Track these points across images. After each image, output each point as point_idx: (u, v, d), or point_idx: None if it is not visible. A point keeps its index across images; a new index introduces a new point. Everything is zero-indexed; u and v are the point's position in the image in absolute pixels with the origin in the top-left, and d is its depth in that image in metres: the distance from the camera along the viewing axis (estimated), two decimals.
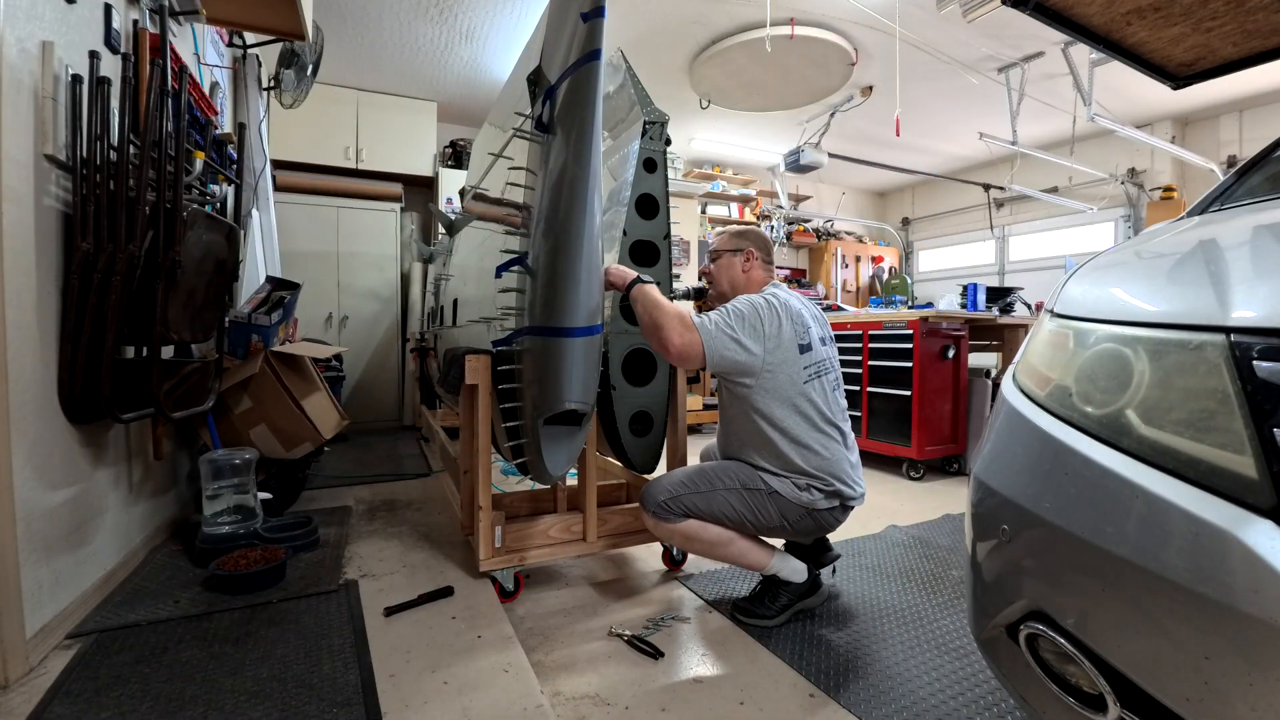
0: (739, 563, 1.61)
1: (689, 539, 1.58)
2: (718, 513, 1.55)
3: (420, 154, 4.91)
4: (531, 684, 1.27)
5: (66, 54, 1.45)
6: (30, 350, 1.33)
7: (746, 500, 1.54)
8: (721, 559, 1.62)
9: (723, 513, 1.54)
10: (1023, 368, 0.89)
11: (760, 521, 1.55)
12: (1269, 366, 0.57)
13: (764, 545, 1.62)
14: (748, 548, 1.59)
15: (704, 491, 1.55)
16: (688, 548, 1.63)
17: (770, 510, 1.53)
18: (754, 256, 1.72)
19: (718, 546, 1.57)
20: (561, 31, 1.44)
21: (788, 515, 1.53)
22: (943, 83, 4.71)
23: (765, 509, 1.53)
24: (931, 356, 3.16)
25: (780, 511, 1.53)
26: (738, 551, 1.58)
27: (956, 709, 1.23)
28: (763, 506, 1.53)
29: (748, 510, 1.54)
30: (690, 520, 1.56)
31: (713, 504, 1.54)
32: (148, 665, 1.29)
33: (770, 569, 1.60)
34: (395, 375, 4.84)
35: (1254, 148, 4.87)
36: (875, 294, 6.86)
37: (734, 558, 1.60)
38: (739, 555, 1.59)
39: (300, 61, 3.18)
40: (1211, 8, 1.75)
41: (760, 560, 1.60)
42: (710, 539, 1.56)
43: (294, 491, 2.53)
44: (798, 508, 1.52)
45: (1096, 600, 0.64)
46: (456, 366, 2.05)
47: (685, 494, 1.56)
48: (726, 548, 1.57)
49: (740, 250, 1.72)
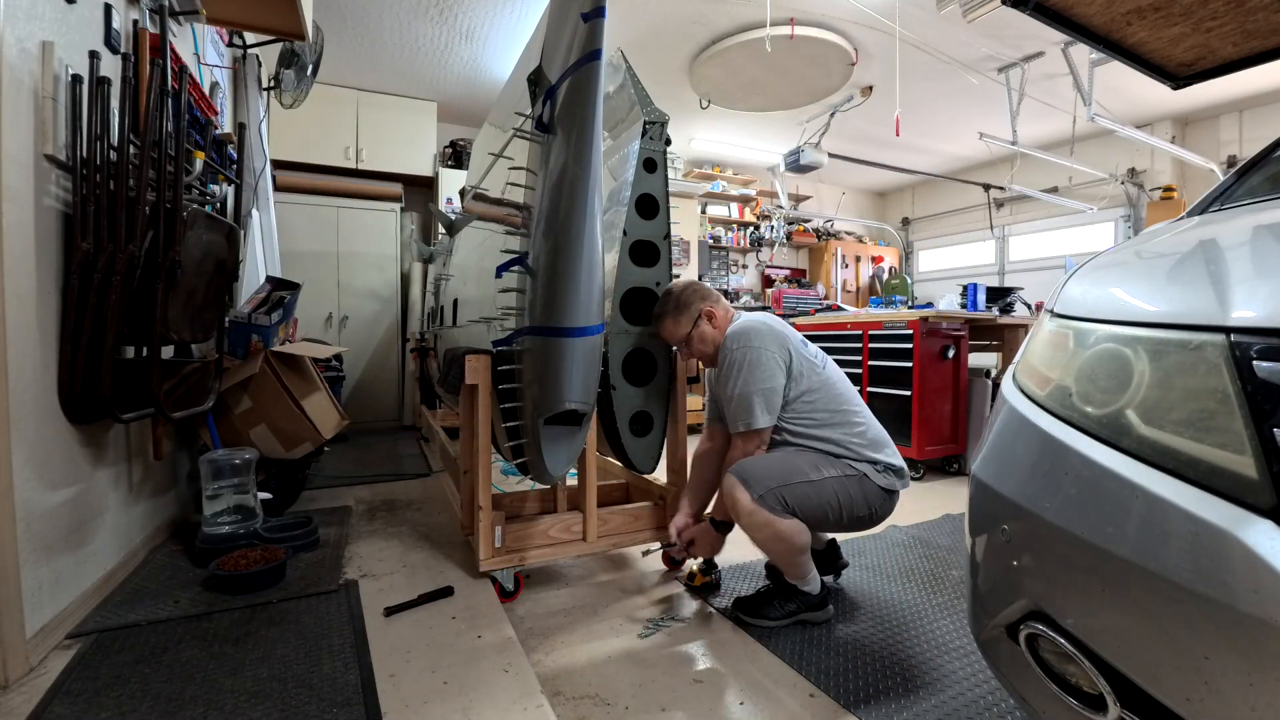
0: (794, 570, 1.56)
1: (780, 538, 1.49)
2: (825, 502, 1.50)
3: (420, 154, 4.91)
4: (531, 684, 1.27)
5: (66, 54, 1.45)
6: (30, 350, 1.33)
7: (848, 489, 1.51)
8: (783, 561, 1.56)
9: (828, 503, 1.50)
10: (1023, 368, 0.89)
11: (852, 513, 1.53)
12: (1269, 366, 0.57)
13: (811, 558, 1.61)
14: (809, 560, 1.58)
15: (814, 480, 1.50)
16: (769, 545, 1.53)
17: (862, 498, 1.53)
18: (704, 310, 1.69)
19: (796, 551, 1.53)
20: (562, 31, 1.44)
21: (873, 501, 1.54)
22: (943, 83, 4.71)
23: (859, 497, 1.53)
24: (931, 356, 3.16)
25: (867, 497, 1.53)
26: (805, 559, 1.56)
27: (956, 709, 1.23)
28: (858, 494, 1.52)
29: (847, 501, 1.51)
30: (794, 520, 1.48)
31: (823, 493, 1.50)
32: (148, 665, 1.29)
33: (805, 582, 1.59)
34: (395, 375, 4.84)
35: (1254, 148, 4.87)
36: (875, 294, 6.86)
37: (796, 564, 1.55)
38: (803, 563, 1.56)
39: (300, 61, 3.18)
40: (1211, 8, 1.75)
41: (806, 570, 1.57)
42: (800, 543, 1.51)
43: (294, 491, 2.53)
44: (880, 490, 1.54)
45: (1096, 600, 0.64)
46: (456, 366, 2.05)
47: (799, 483, 1.49)
48: (800, 554, 1.54)
49: (698, 316, 1.69)
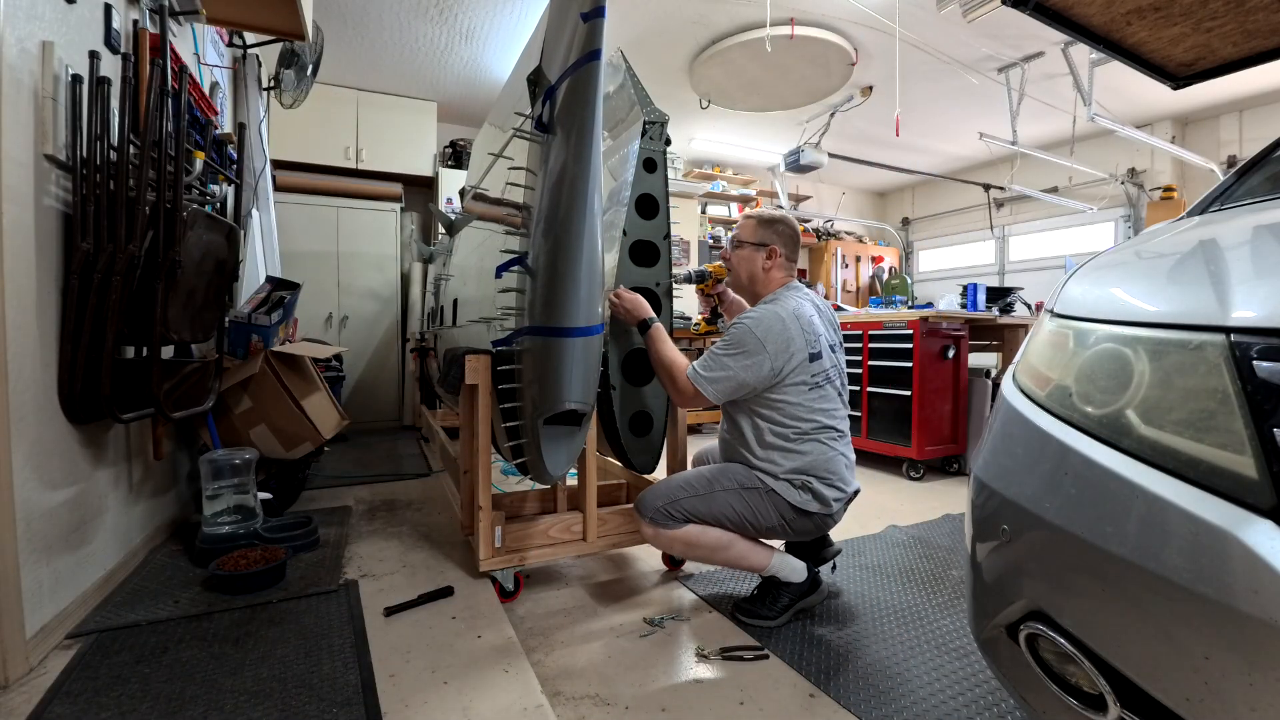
0: (739, 566, 1.61)
1: (689, 545, 1.56)
2: (718, 514, 1.54)
3: (420, 154, 4.91)
4: (531, 684, 1.27)
5: (66, 54, 1.45)
6: (30, 350, 1.33)
7: (745, 500, 1.54)
8: (722, 563, 1.62)
9: (723, 514, 1.54)
10: (1023, 368, 0.89)
11: (760, 522, 1.54)
12: (1269, 366, 0.57)
13: (763, 546, 1.62)
14: (747, 549, 1.58)
15: (702, 494, 1.55)
16: (688, 555, 1.61)
17: (769, 510, 1.53)
18: (777, 254, 1.68)
19: (718, 551, 1.56)
20: (561, 31, 1.44)
21: (785, 515, 1.53)
22: (943, 83, 4.71)
23: (764, 509, 1.53)
24: (931, 356, 3.16)
25: (778, 511, 1.53)
26: (738, 554, 1.58)
27: (956, 709, 1.23)
28: (761, 506, 1.53)
29: (747, 510, 1.54)
30: (690, 526, 1.54)
31: (713, 506, 1.54)
32: (148, 665, 1.29)
33: (770, 570, 1.60)
34: (395, 375, 4.84)
35: (1254, 148, 4.87)
36: (875, 294, 6.86)
37: (734, 561, 1.59)
38: (739, 558, 1.59)
39: (300, 61, 3.18)
40: (1211, 8, 1.75)
41: (760, 562, 1.60)
42: (710, 544, 1.55)
43: (294, 491, 2.53)
44: (792, 507, 1.52)
45: (1097, 600, 0.64)
46: (456, 366, 2.05)
47: (683, 498, 1.55)
48: (726, 551, 1.57)
49: (765, 245, 1.68)
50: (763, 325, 1.54)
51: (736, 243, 1.74)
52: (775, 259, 1.68)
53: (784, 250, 1.69)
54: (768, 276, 1.69)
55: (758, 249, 1.69)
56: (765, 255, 1.68)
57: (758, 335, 1.52)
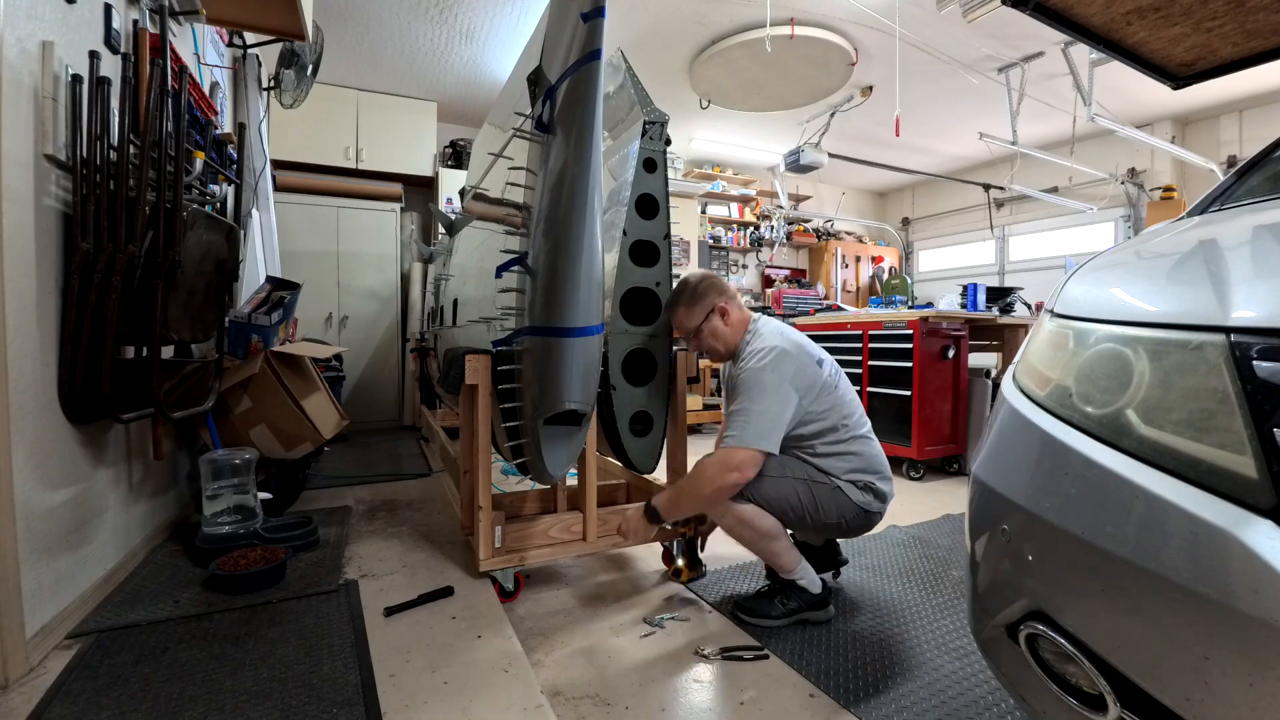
0: (773, 559, 1.59)
1: (743, 522, 1.53)
2: (784, 498, 1.53)
3: (420, 154, 4.91)
4: (531, 684, 1.27)
5: (66, 54, 1.45)
6: (30, 350, 1.33)
7: (814, 493, 1.54)
8: (759, 550, 1.59)
9: (787, 500, 1.53)
10: (1023, 368, 0.89)
11: (821, 517, 1.54)
12: (1269, 366, 0.57)
13: (797, 551, 1.62)
14: (786, 547, 1.58)
15: (774, 476, 1.53)
16: (735, 532, 1.57)
17: (833, 505, 1.55)
18: (718, 305, 1.67)
19: (764, 538, 1.55)
20: (561, 31, 1.44)
21: (845, 513, 1.56)
22: (943, 83, 4.71)
23: (829, 504, 1.54)
24: (931, 356, 3.16)
25: (840, 509, 1.55)
26: (779, 548, 1.57)
27: (956, 709, 1.23)
28: (827, 501, 1.54)
29: (811, 502, 1.53)
30: (750, 505, 1.53)
31: (782, 489, 1.53)
32: (148, 665, 1.29)
33: (794, 574, 1.60)
34: (395, 375, 4.84)
35: (1254, 148, 4.86)
36: (875, 294, 6.86)
37: (772, 553, 1.58)
38: (779, 551, 1.58)
39: (300, 61, 3.18)
40: (1211, 8, 1.75)
41: (790, 563, 1.59)
42: (763, 528, 1.53)
43: (294, 491, 2.53)
44: (856, 506, 1.56)
45: (1097, 600, 0.64)
46: (456, 366, 2.05)
47: None
48: (771, 541, 1.56)
49: (711, 310, 1.67)
50: (774, 356, 1.55)
51: (692, 334, 1.70)
52: (728, 307, 1.68)
53: (723, 296, 1.69)
54: (734, 326, 1.69)
55: (709, 317, 1.67)
56: (717, 315, 1.67)
57: (769, 369, 1.53)
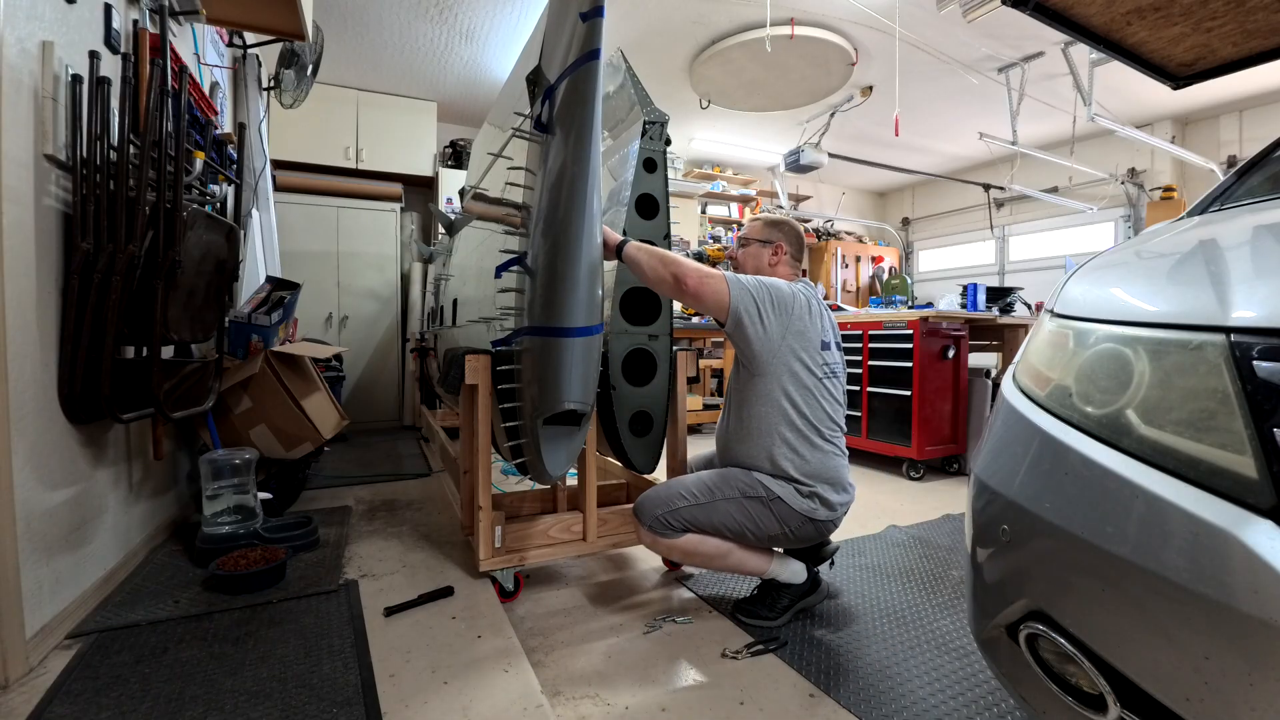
0: (739, 571, 1.60)
1: (688, 554, 1.55)
2: (718, 524, 1.52)
3: (420, 154, 4.91)
4: (531, 684, 1.27)
5: (66, 54, 1.45)
6: (30, 350, 1.33)
7: (747, 510, 1.51)
8: (721, 570, 1.62)
9: (723, 524, 1.52)
10: (1023, 368, 0.89)
11: (761, 530, 1.52)
12: (1269, 366, 0.57)
13: (762, 550, 1.61)
14: (746, 556, 1.58)
15: (703, 503, 1.52)
16: (687, 562, 1.60)
17: (770, 518, 1.51)
18: (783, 251, 1.70)
19: (716, 559, 1.56)
20: (561, 31, 1.44)
21: (788, 522, 1.51)
22: (943, 83, 4.71)
23: (765, 517, 1.51)
24: (931, 356, 3.16)
25: (780, 519, 1.51)
26: (737, 561, 1.57)
27: (956, 709, 1.23)
28: (763, 515, 1.51)
29: (748, 520, 1.52)
30: (689, 535, 1.53)
31: (713, 515, 1.52)
32: (148, 665, 1.29)
33: (769, 573, 1.60)
34: (395, 375, 4.84)
35: (1254, 148, 4.87)
36: (875, 294, 6.86)
37: (734, 567, 1.58)
38: (739, 564, 1.58)
39: (300, 61, 3.18)
40: (1211, 8, 1.75)
41: (759, 566, 1.59)
42: (709, 552, 1.54)
43: (294, 491, 2.53)
44: (798, 514, 1.50)
45: (1096, 600, 0.64)
46: (456, 366, 2.05)
47: (682, 507, 1.53)
48: (725, 559, 1.56)
49: (771, 243, 1.70)
50: (786, 288, 1.54)
51: (743, 241, 1.75)
52: (781, 255, 1.70)
53: (789, 248, 1.71)
54: (774, 272, 1.70)
55: (764, 245, 1.71)
56: (771, 251, 1.70)
57: (776, 294, 1.52)
